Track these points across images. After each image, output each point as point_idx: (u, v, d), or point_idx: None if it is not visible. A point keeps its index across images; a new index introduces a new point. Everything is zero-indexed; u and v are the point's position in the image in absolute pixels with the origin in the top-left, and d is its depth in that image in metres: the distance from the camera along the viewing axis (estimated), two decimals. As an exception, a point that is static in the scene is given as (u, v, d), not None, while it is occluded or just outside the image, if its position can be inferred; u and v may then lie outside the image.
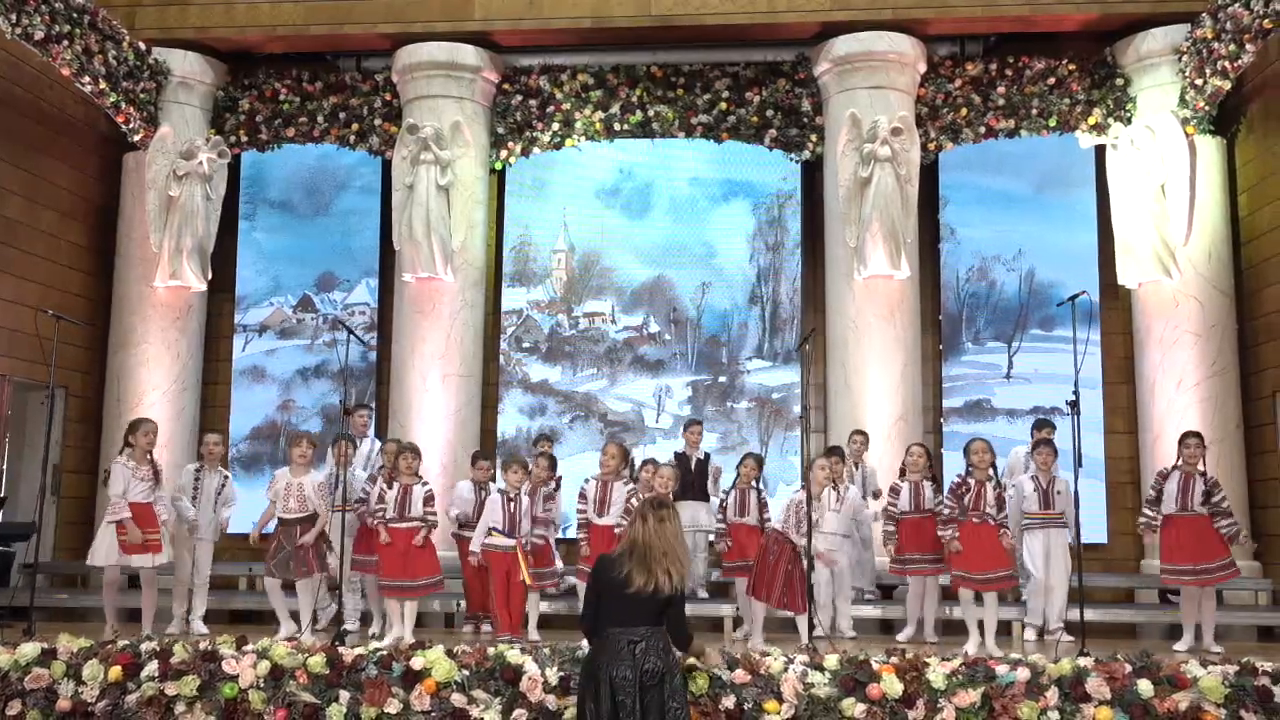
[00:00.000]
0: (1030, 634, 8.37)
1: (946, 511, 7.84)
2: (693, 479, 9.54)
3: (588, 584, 5.13)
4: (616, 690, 4.71)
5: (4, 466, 10.57)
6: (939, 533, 7.87)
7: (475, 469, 8.90)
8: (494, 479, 9.09)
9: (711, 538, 9.20)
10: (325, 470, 8.57)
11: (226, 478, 8.60)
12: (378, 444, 9.35)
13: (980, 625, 7.61)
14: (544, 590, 8.51)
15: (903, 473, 8.54)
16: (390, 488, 7.94)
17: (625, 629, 4.82)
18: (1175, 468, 8.02)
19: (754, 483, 8.64)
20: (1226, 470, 10.22)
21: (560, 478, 9.30)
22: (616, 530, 7.98)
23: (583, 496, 8.54)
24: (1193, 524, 7.88)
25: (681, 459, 9.60)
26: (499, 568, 7.87)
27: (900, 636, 8.25)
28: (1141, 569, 10.55)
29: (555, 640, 6.71)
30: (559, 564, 8.97)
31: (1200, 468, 7.98)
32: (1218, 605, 9.69)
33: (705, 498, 9.48)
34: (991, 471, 7.80)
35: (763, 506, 8.49)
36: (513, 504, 7.93)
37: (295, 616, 8.15)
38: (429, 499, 7.93)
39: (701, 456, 9.70)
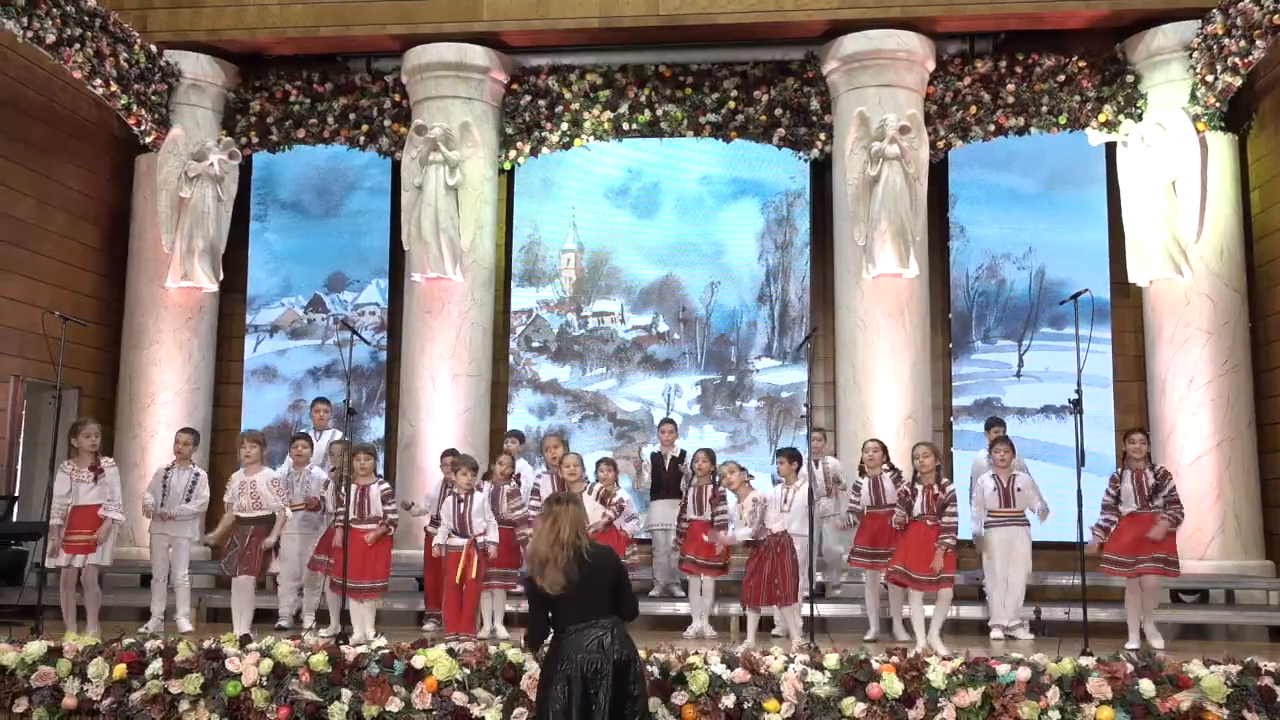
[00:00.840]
0: (998, 633, 8.33)
1: (897, 515, 7.88)
2: (666, 478, 9.60)
3: (528, 591, 5.03)
4: (589, 684, 4.72)
5: (18, 467, 10.67)
6: (892, 522, 7.92)
7: (442, 466, 8.97)
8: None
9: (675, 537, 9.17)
10: (283, 468, 8.61)
11: (198, 475, 8.54)
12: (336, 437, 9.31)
13: (925, 623, 7.58)
14: (509, 589, 8.41)
15: (861, 469, 8.54)
16: (342, 488, 7.84)
17: (588, 623, 4.80)
18: (1125, 468, 7.97)
19: (711, 478, 8.64)
20: (1239, 468, 10.20)
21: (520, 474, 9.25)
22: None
23: (535, 494, 8.65)
24: (1148, 521, 7.81)
25: (656, 459, 9.69)
26: (453, 567, 7.86)
27: (866, 637, 8.19)
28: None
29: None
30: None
31: (1148, 461, 7.96)
32: (1229, 604, 9.72)
33: (679, 495, 9.46)
34: (937, 473, 7.77)
35: (716, 500, 8.49)
36: (463, 504, 7.92)
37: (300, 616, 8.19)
38: (387, 497, 7.93)
39: (676, 455, 9.71)
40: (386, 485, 8.09)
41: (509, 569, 8.33)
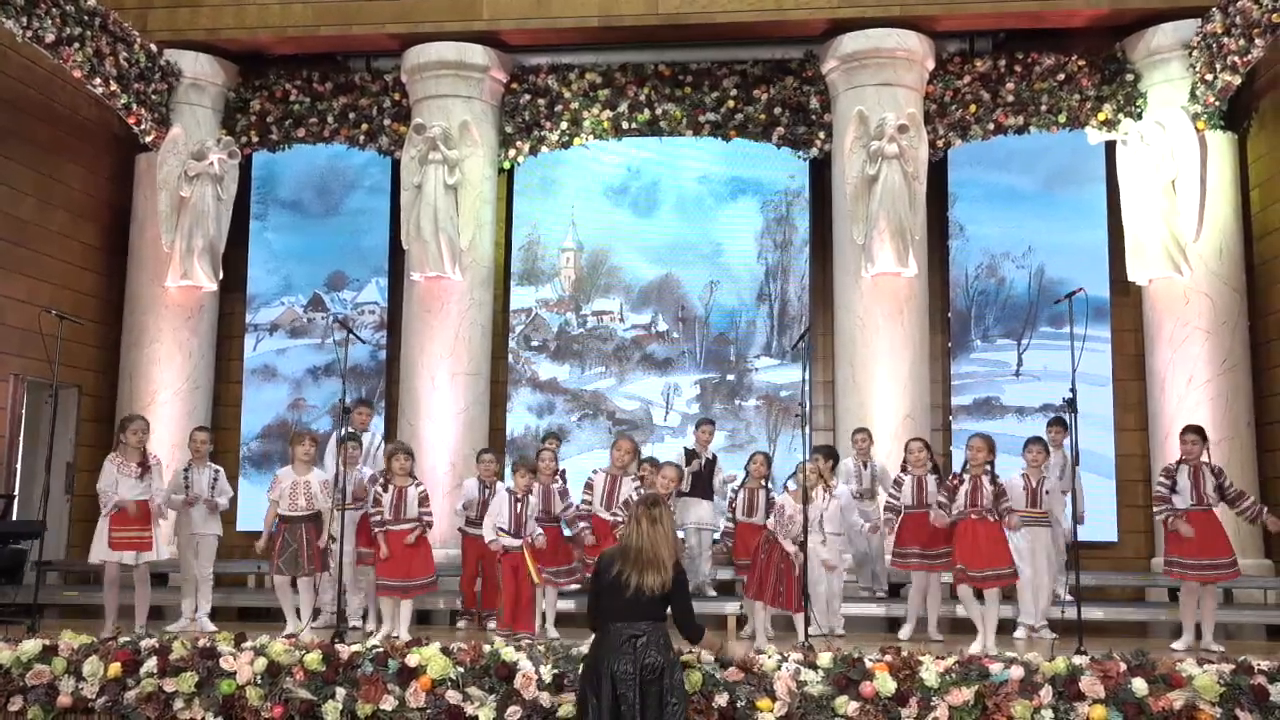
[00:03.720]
0: (1021, 632, 8.30)
1: (940, 503, 7.81)
2: (701, 478, 9.57)
3: (591, 580, 5.21)
4: (617, 684, 4.79)
5: (18, 466, 10.68)
6: (932, 518, 7.83)
7: (480, 465, 8.96)
8: (500, 476, 9.19)
9: (716, 536, 9.17)
10: (329, 468, 8.63)
11: (218, 472, 8.60)
12: (380, 440, 9.37)
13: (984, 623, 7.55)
14: (560, 588, 8.43)
15: (904, 467, 8.51)
16: (385, 490, 7.93)
17: (626, 624, 4.90)
18: (1181, 462, 7.94)
19: (763, 481, 8.67)
20: (1238, 467, 10.14)
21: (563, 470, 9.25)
22: (613, 527, 8.05)
23: (589, 488, 8.63)
24: (1203, 518, 7.76)
25: (691, 456, 9.64)
26: (508, 566, 7.88)
27: (901, 634, 8.19)
28: (1152, 567, 10.47)
29: (575, 638, 6.64)
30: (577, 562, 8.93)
31: (1204, 459, 7.90)
32: (1228, 604, 9.69)
33: (710, 496, 9.47)
34: (988, 468, 7.72)
35: (770, 505, 8.47)
36: (519, 504, 7.94)
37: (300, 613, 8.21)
38: (424, 499, 7.97)
39: (710, 457, 9.67)
40: (424, 487, 8.12)
41: (561, 567, 8.35)
